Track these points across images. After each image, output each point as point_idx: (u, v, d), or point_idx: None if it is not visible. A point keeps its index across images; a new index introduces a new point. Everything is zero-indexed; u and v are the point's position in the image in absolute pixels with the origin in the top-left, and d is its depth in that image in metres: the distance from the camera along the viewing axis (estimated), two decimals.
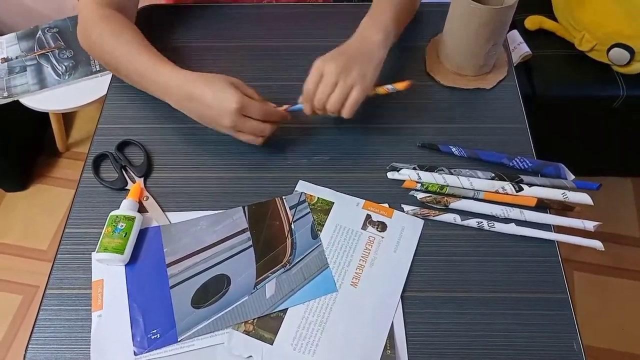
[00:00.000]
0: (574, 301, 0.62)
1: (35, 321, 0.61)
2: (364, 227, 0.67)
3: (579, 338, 0.60)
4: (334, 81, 0.66)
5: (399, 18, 0.77)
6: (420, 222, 0.68)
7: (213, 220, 0.67)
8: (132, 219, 0.66)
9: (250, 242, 0.65)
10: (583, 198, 0.68)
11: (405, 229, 0.67)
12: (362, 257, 0.65)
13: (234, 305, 0.61)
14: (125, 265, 0.64)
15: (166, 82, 0.70)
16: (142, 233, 0.66)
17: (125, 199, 0.68)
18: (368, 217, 0.68)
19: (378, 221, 0.68)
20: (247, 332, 0.60)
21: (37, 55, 1.37)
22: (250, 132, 0.68)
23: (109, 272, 0.64)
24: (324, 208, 0.69)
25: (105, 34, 0.75)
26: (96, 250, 0.64)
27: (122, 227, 0.64)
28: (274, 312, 0.61)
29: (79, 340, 0.60)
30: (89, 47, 0.78)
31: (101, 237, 0.64)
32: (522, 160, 0.71)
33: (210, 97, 0.66)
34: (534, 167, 0.71)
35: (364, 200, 0.69)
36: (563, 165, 0.71)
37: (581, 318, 0.61)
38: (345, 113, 0.68)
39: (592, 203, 0.67)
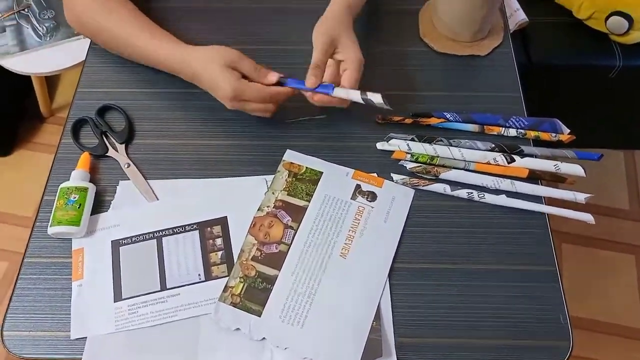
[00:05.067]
0: (561, 273, 0.62)
1: (13, 290, 0.60)
2: (353, 197, 0.66)
3: (566, 311, 0.59)
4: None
5: None
6: (411, 192, 0.66)
7: None
8: (85, 189, 0.64)
9: None
10: (575, 169, 0.66)
11: (395, 198, 0.66)
12: (351, 227, 0.64)
13: None
14: None
15: (169, 64, 0.69)
16: None
17: (74, 169, 0.66)
18: (358, 187, 0.66)
19: (368, 191, 0.66)
20: (234, 304, 0.58)
21: (16, 14, 1.32)
22: (251, 111, 0.67)
23: (89, 240, 0.62)
24: (313, 178, 0.67)
25: (99, 14, 0.71)
26: (49, 224, 0.62)
27: (76, 199, 0.62)
28: (262, 284, 0.60)
29: (58, 310, 0.59)
30: (81, 28, 0.74)
31: (53, 210, 0.62)
32: (517, 119, 0.71)
33: (207, 81, 0.66)
34: (530, 125, 0.70)
35: (353, 170, 0.68)
36: (558, 120, 0.70)
37: (568, 289, 0.61)
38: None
39: (584, 175, 0.66)
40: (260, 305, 0.59)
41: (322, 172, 0.67)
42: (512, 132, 0.70)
